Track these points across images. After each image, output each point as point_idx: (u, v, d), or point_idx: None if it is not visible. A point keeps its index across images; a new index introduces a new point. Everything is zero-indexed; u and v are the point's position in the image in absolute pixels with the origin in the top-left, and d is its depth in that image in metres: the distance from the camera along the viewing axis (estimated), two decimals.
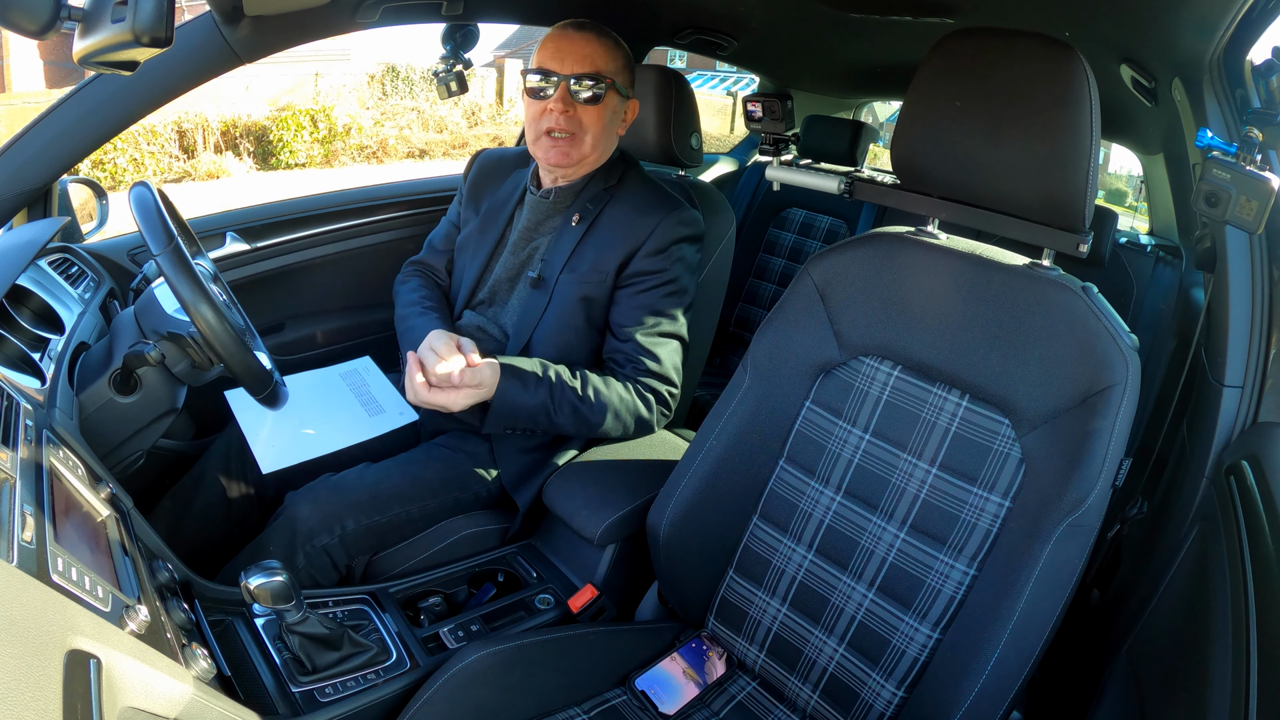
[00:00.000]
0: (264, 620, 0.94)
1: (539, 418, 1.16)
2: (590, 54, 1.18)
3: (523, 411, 1.15)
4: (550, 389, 1.15)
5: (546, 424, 1.17)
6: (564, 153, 1.20)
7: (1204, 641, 0.75)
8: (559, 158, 1.21)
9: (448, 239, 1.43)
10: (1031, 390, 0.86)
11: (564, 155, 1.20)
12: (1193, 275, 1.76)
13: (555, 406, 1.16)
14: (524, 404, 1.14)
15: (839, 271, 1.01)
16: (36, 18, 0.67)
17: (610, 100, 1.21)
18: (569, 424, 1.18)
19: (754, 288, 2.44)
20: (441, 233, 1.45)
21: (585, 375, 1.19)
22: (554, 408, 1.16)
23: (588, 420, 1.18)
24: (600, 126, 1.21)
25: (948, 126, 0.90)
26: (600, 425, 1.19)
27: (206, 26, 1.03)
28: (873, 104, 3.02)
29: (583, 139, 1.20)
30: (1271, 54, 0.88)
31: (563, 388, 1.16)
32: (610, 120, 1.23)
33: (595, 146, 1.22)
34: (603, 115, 1.20)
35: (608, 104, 1.20)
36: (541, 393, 1.15)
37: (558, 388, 1.16)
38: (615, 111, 1.24)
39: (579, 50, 1.18)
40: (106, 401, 0.98)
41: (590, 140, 1.21)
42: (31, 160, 1.07)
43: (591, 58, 1.18)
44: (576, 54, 1.17)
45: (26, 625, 0.46)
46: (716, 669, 1.06)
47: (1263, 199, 0.80)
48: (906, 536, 0.94)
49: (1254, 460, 0.84)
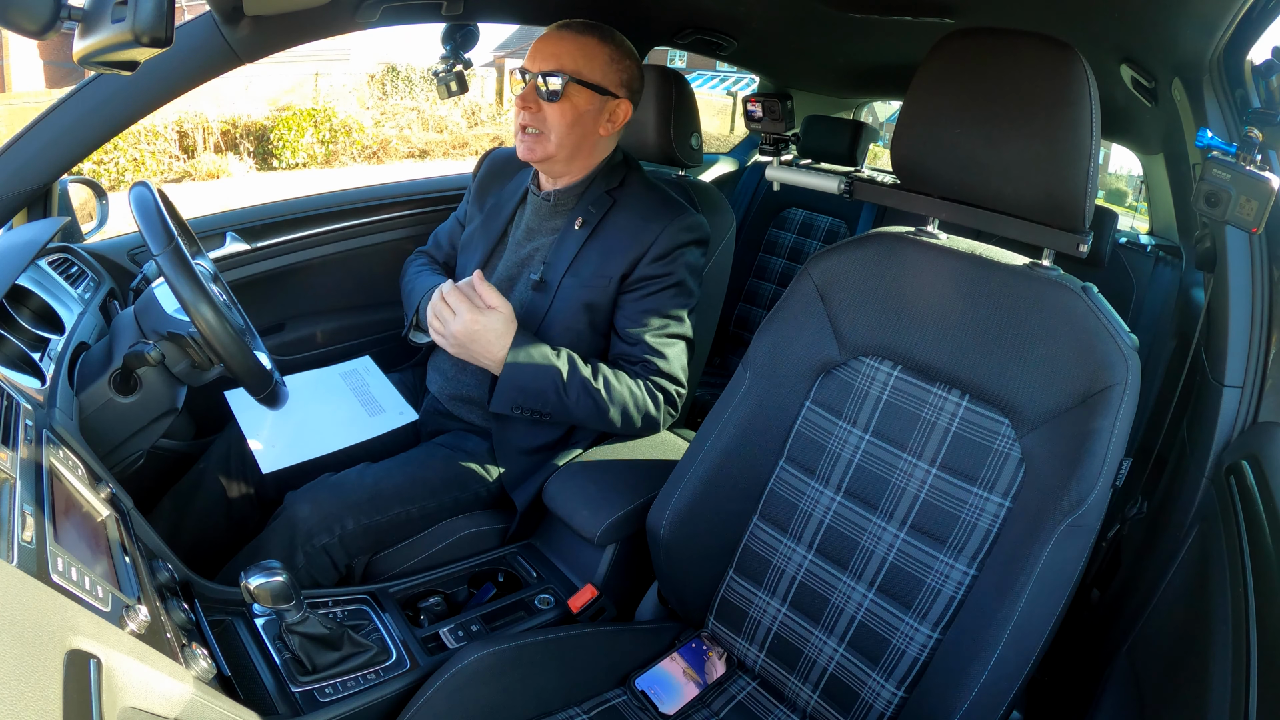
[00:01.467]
0: (264, 620, 0.94)
1: (549, 395, 1.15)
2: (559, 52, 1.18)
3: (532, 385, 1.13)
4: (562, 364, 1.15)
5: (557, 404, 1.15)
6: (529, 148, 1.21)
7: (1204, 641, 0.75)
8: (525, 153, 1.22)
9: (451, 235, 1.45)
10: (1031, 390, 0.86)
11: (529, 150, 1.21)
12: (1193, 275, 1.75)
13: (567, 384, 1.14)
14: (535, 376, 1.13)
15: (839, 271, 1.01)
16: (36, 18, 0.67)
17: (575, 98, 1.18)
18: (579, 407, 1.16)
19: (754, 288, 2.44)
20: (447, 228, 1.47)
21: (597, 364, 1.19)
22: (565, 386, 1.14)
23: (599, 406, 1.17)
24: (565, 124, 1.19)
25: (948, 126, 0.90)
26: (610, 414, 1.18)
27: (206, 26, 1.03)
28: (873, 104, 3.01)
29: (548, 136, 1.20)
30: (1271, 54, 0.88)
31: (573, 366, 1.16)
32: (578, 119, 1.20)
33: (561, 145, 1.20)
34: (566, 113, 1.19)
35: (571, 101, 1.18)
36: (552, 365, 1.14)
37: (569, 366, 1.15)
38: (586, 111, 1.20)
39: (550, 48, 1.18)
40: (106, 401, 0.98)
41: (555, 138, 1.20)
42: (31, 160, 1.06)
43: (559, 56, 1.17)
44: (546, 52, 1.18)
45: (26, 625, 0.46)
46: (716, 669, 1.06)
47: (1263, 199, 0.80)
48: (906, 536, 0.94)
49: (1254, 460, 0.84)
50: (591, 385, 1.16)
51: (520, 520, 1.24)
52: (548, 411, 1.17)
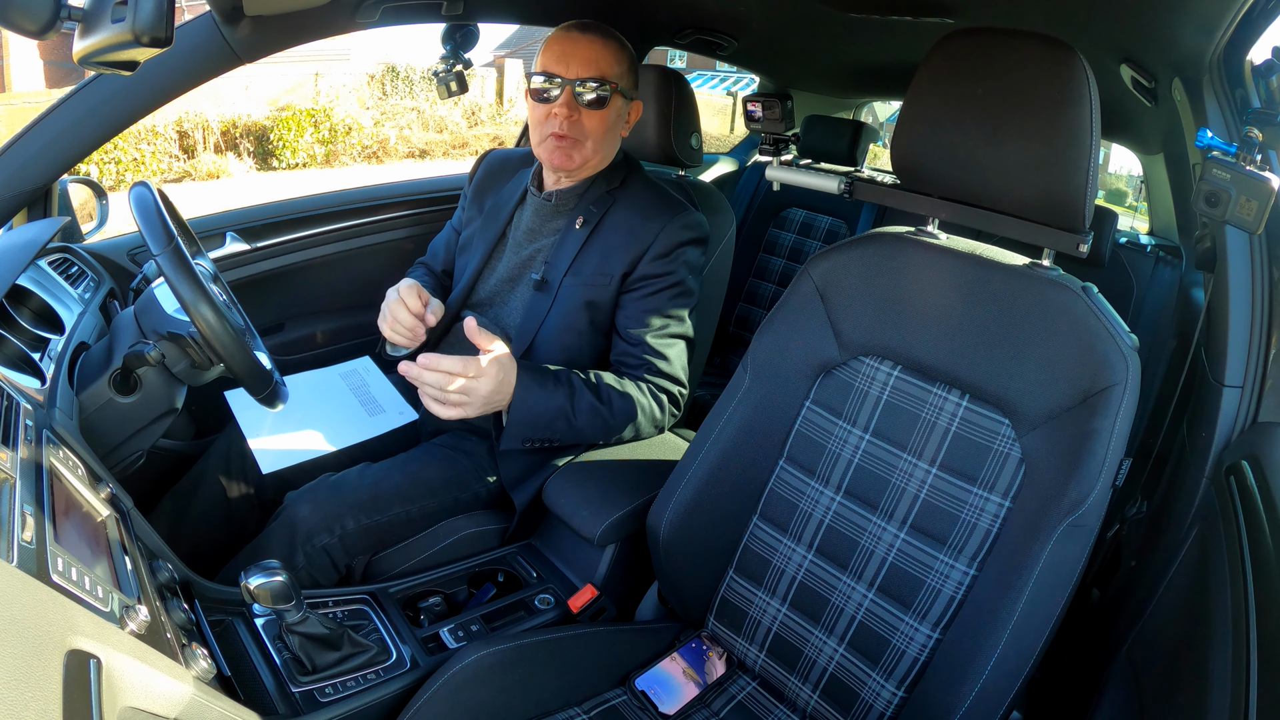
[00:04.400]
0: (264, 620, 0.94)
1: (558, 423, 1.13)
2: (595, 57, 1.17)
3: (541, 417, 1.12)
4: (568, 392, 1.14)
5: (566, 429, 1.14)
6: (567, 155, 1.20)
7: (1204, 641, 0.75)
8: (563, 160, 1.20)
9: (448, 244, 1.45)
10: (1031, 390, 0.86)
11: (567, 158, 1.20)
12: (1193, 275, 1.76)
13: (575, 410, 1.14)
14: (541, 409, 1.11)
15: (839, 271, 1.01)
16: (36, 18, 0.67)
17: (615, 104, 1.21)
18: (589, 427, 1.16)
19: (754, 288, 2.44)
20: (443, 238, 1.47)
21: (601, 377, 1.19)
22: (573, 411, 1.14)
23: (607, 423, 1.17)
24: (604, 130, 1.21)
25: (948, 126, 0.90)
26: (619, 429, 1.19)
27: (206, 26, 1.03)
28: (873, 104, 3.02)
29: (585, 142, 1.20)
30: (1271, 54, 0.88)
31: (580, 390, 1.15)
32: (614, 123, 1.23)
33: (598, 150, 1.22)
34: (607, 119, 1.20)
35: (612, 107, 1.20)
36: (559, 396, 1.13)
37: (575, 391, 1.14)
38: (619, 114, 1.24)
39: (584, 53, 1.17)
40: (106, 401, 0.98)
41: (593, 144, 1.21)
42: (31, 160, 1.06)
43: (596, 61, 1.17)
44: (581, 57, 1.17)
45: (26, 625, 0.46)
46: (716, 669, 1.06)
47: (1263, 199, 0.80)
48: (906, 536, 0.94)
49: (1254, 460, 0.84)
50: (598, 402, 1.16)
51: (520, 520, 1.24)
52: (558, 439, 1.16)
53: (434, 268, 1.47)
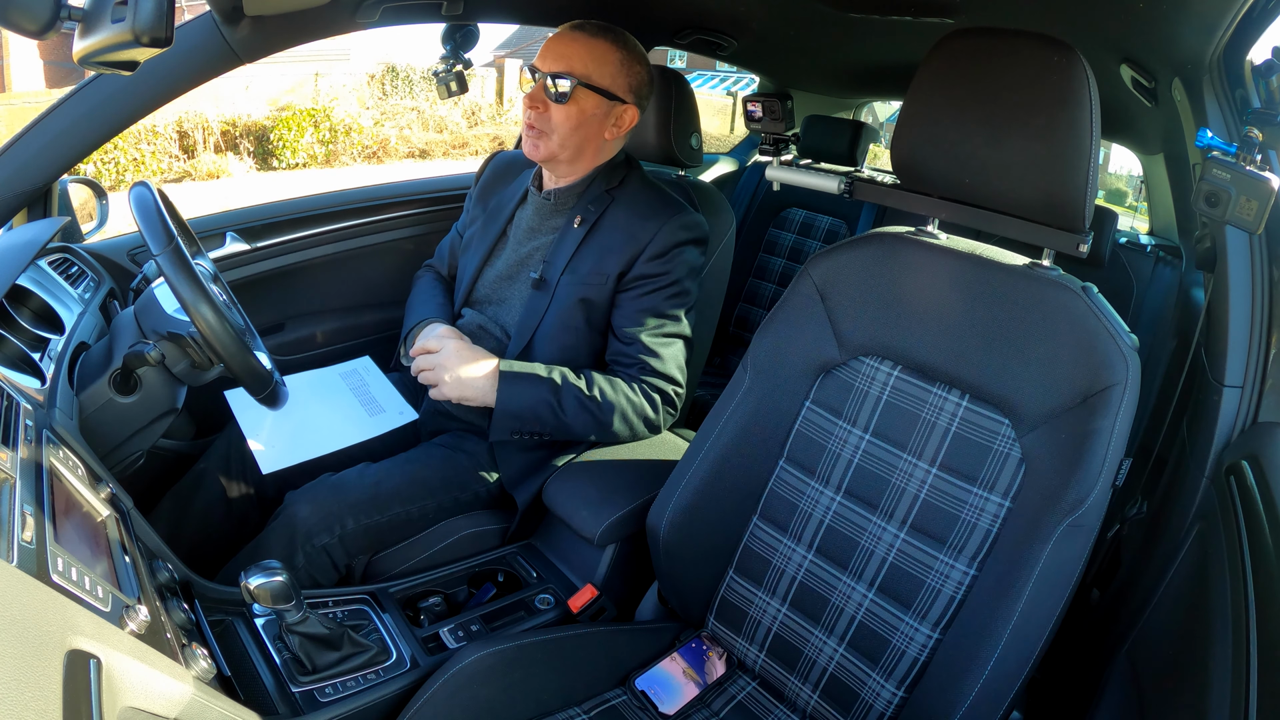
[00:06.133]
0: (264, 620, 0.95)
1: (544, 415, 1.16)
2: (569, 54, 1.17)
3: (527, 409, 1.15)
4: (552, 385, 1.16)
5: (553, 421, 1.17)
6: (534, 145, 1.21)
7: (1204, 641, 0.75)
8: (530, 149, 1.22)
9: (453, 246, 1.46)
10: (1031, 390, 0.86)
11: (533, 148, 1.22)
12: (1193, 275, 1.76)
13: (560, 401, 1.16)
14: (526, 400, 1.15)
15: (839, 271, 1.01)
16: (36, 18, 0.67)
17: (582, 101, 1.18)
18: (577, 421, 1.18)
19: (754, 288, 2.44)
20: (448, 241, 1.49)
21: (590, 374, 1.20)
22: (559, 403, 1.16)
23: (596, 417, 1.18)
24: (569, 126, 1.19)
25: (948, 126, 0.90)
26: (609, 424, 1.19)
27: (206, 26, 1.03)
28: (873, 104, 3.02)
29: (551, 135, 1.20)
30: (1271, 54, 0.88)
31: (565, 384, 1.17)
32: (584, 122, 1.20)
33: (564, 145, 1.21)
34: (572, 116, 1.19)
35: (578, 105, 1.18)
36: (543, 388, 1.16)
37: (561, 385, 1.16)
38: (592, 115, 1.20)
39: (560, 49, 1.18)
40: (106, 401, 0.98)
41: (558, 138, 1.20)
42: (31, 160, 1.06)
43: (569, 57, 1.17)
44: (557, 52, 1.18)
45: (26, 625, 0.46)
46: (716, 669, 1.06)
47: (1263, 199, 0.80)
48: (906, 536, 0.94)
49: (1254, 460, 0.84)
50: (585, 396, 1.17)
51: (520, 520, 1.24)
52: (546, 431, 1.19)
53: (441, 271, 1.47)
